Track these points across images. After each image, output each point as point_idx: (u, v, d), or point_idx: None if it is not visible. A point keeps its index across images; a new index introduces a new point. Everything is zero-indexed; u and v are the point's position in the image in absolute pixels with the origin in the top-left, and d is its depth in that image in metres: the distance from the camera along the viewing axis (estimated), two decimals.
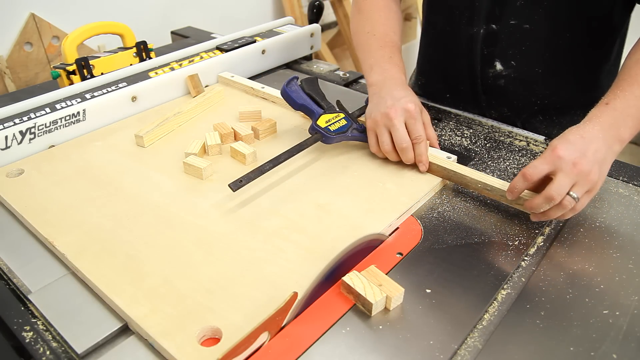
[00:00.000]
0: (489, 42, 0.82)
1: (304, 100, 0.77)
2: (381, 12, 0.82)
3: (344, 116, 0.75)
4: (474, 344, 0.48)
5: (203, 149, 0.75)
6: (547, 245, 0.59)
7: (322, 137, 0.72)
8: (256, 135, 0.80)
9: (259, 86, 0.93)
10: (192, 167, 0.70)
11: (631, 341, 0.48)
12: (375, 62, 0.76)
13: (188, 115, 0.85)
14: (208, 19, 1.84)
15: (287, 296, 0.48)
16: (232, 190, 0.63)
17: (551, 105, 0.85)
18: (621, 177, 0.71)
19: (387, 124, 0.68)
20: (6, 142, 0.73)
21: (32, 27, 1.40)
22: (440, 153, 0.71)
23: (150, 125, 0.79)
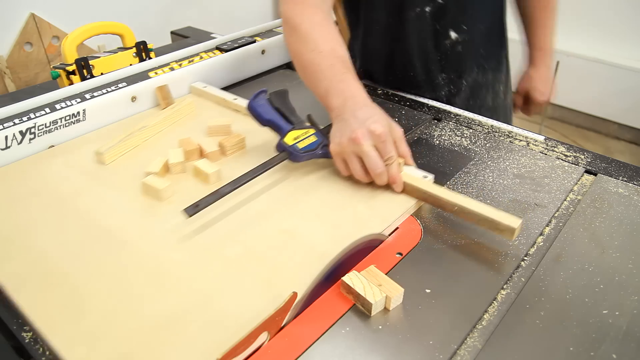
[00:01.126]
0: (439, 16, 0.90)
1: (271, 115, 0.71)
2: (321, 27, 0.74)
3: (314, 132, 0.70)
4: (473, 344, 0.48)
5: (165, 167, 0.71)
6: (547, 245, 0.59)
7: (290, 155, 0.67)
8: (223, 152, 0.75)
9: (231, 97, 0.88)
10: (150, 187, 0.65)
11: (631, 341, 0.48)
12: (329, 85, 0.69)
13: (155, 130, 0.81)
14: (208, 19, 1.84)
15: (287, 296, 0.48)
16: (187, 216, 0.58)
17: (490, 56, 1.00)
18: (621, 177, 0.71)
19: (356, 150, 0.63)
20: (6, 142, 0.73)
21: (32, 27, 1.40)
22: (417, 172, 0.67)
23: (112, 141, 0.75)
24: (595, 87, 2.62)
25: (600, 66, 2.55)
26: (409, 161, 0.67)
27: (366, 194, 0.66)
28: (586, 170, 0.73)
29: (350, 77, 0.69)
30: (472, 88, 1.01)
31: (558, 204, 0.66)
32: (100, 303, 0.50)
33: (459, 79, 0.99)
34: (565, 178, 0.71)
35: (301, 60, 0.74)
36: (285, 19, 0.77)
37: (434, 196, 0.63)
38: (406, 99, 0.97)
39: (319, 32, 0.73)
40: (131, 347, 0.46)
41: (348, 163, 0.65)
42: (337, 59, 0.71)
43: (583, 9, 2.58)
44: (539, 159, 0.76)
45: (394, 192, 0.66)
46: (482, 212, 0.58)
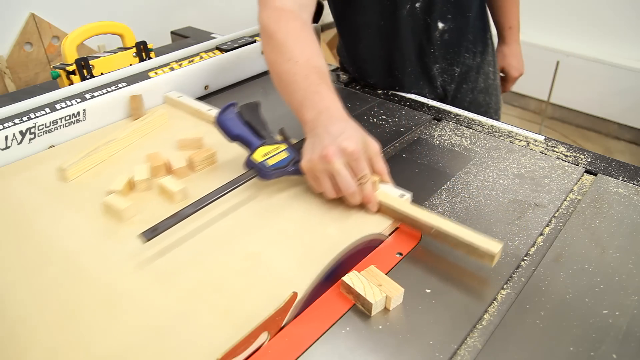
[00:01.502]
0: (428, 11, 0.93)
1: (240, 129, 0.67)
2: (298, 36, 0.71)
3: (285, 147, 0.66)
4: (473, 344, 0.48)
5: (130, 184, 0.67)
6: (547, 245, 0.59)
7: (258, 172, 0.63)
8: (192, 167, 0.71)
9: (206, 108, 0.85)
10: (111, 208, 0.62)
11: (631, 341, 0.48)
12: (304, 97, 0.65)
13: (123, 143, 0.77)
14: (208, 19, 1.84)
15: (287, 296, 0.48)
16: (144, 241, 0.55)
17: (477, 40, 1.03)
18: (621, 177, 0.72)
19: (327, 168, 0.59)
20: (6, 142, 0.73)
21: (32, 27, 1.40)
22: (393, 190, 0.63)
23: (77, 156, 0.71)
24: (595, 87, 2.62)
25: (600, 66, 2.55)
26: (386, 179, 0.63)
27: (339, 214, 0.62)
28: (586, 170, 0.73)
29: (326, 89, 0.66)
30: (464, 73, 1.04)
31: (558, 204, 0.66)
32: (44, 338, 0.46)
33: (451, 67, 1.02)
34: (565, 178, 0.71)
35: (276, 70, 0.70)
36: (262, 26, 0.74)
37: (410, 217, 0.59)
38: (406, 99, 0.97)
39: (295, 42, 0.70)
40: None
41: (320, 182, 0.61)
42: (313, 69, 0.67)
43: (583, 9, 2.58)
44: (539, 159, 0.76)
45: (369, 212, 0.62)
46: (461, 235, 0.55)
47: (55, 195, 0.67)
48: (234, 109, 0.70)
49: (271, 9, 0.74)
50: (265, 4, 0.75)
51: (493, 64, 1.10)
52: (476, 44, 1.03)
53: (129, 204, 0.62)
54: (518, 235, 0.61)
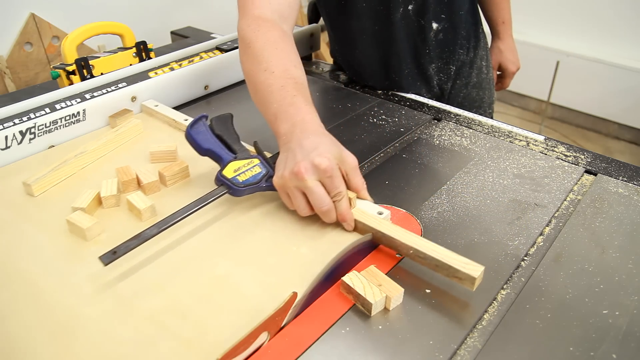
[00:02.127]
0: (422, 12, 0.93)
1: (211, 143, 0.64)
2: (276, 45, 0.69)
3: (258, 162, 0.63)
4: (473, 344, 0.48)
5: (97, 200, 0.64)
6: (547, 245, 0.59)
7: (229, 189, 0.60)
8: (163, 182, 0.68)
9: (182, 118, 0.81)
10: (75, 226, 0.58)
11: (631, 341, 0.48)
12: (278, 108, 0.63)
13: (95, 155, 0.73)
14: (208, 19, 1.84)
15: (287, 296, 0.48)
16: (104, 264, 0.52)
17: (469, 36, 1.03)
18: (621, 177, 0.72)
19: (299, 185, 0.57)
20: (6, 142, 0.73)
21: (32, 27, 1.40)
22: (371, 207, 0.60)
23: (44, 169, 0.68)
24: (595, 87, 2.62)
25: (600, 66, 2.55)
26: (363, 195, 0.61)
27: (313, 232, 0.59)
28: (586, 170, 0.73)
29: (301, 100, 0.63)
30: (458, 68, 1.05)
31: (558, 204, 0.66)
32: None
33: (447, 65, 1.03)
34: (565, 178, 0.71)
35: (252, 81, 0.68)
36: (240, 35, 0.72)
37: (387, 237, 0.56)
38: (406, 99, 0.97)
39: (273, 51, 0.68)
40: None
41: (292, 199, 0.59)
42: (290, 80, 0.65)
43: (583, 9, 2.58)
44: (539, 159, 0.76)
45: (345, 230, 0.59)
46: (440, 257, 0.52)
47: (19, 211, 0.64)
48: (205, 121, 0.67)
49: (250, 18, 0.72)
50: (245, 13, 0.74)
51: (486, 58, 1.10)
52: (469, 39, 1.03)
53: (94, 222, 0.58)
54: (518, 235, 0.61)
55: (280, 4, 0.75)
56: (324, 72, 1.09)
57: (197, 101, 0.96)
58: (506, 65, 1.17)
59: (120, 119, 0.81)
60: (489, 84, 1.12)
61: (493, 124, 0.85)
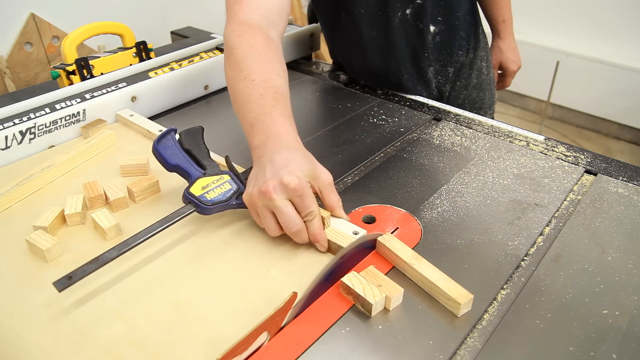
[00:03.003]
0: (420, 16, 0.92)
1: (179, 159, 0.62)
2: (260, 52, 0.67)
3: (228, 179, 0.60)
4: (473, 344, 0.48)
5: (61, 218, 0.61)
6: (547, 245, 0.59)
7: (197, 207, 0.57)
8: (132, 198, 0.65)
9: (157, 129, 0.78)
10: (34, 246, 0.56)
11: (631, 341, 0.48)
12: (255, 118, 0.61)
13: (64, 168, 0.70)
14: (208, 19, 1.84)
15: (287, 296, 0.48)
16: (58, 290, 0.49)
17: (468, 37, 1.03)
18: (621, 177, 0.71)
19: (268, 205, 0.54)
20: (6, 142, 0.73)
21: (32, 27, 1.40)
22: (346, 227, 0.57)
23: (8, 184, 0.65)
24: (595, 87, 2.62)
25: (600, 66, 2.55)
26: (338, 213, 0.58)
27: (284, 254, 0.56)
28: (586, 170, 0.73)
29: (279, 111, 0.61)
30: (457, 70, 1.04)
31: (558, 204, 0.66)
32: None
33: (445, 68, 1.02)
34: (565, 178, 0.71)
35: (233, 88, 0.66)
36: (224, 40, 0.71)
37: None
38: (406, 99, 0.97)
39: (255, 59, 0.66)
40: None
41: (261, 219, 0.56)
42: (270, 89, 0.63)
43: (583, 9, 2.58)
44: (539, 159, 0.76)
45: (319, 250, 0.57)
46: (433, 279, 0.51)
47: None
48: (174, 135, 0.64)
49: (236, 23, 0.70)
50: (232, 18, 0.72)
51: (486, 59, 1.09)
52: (469, 41, 1.03)
53: (54, 242, 0.56)
54: (518, 235, 0.61)
55: (269, 9, 0.72)
56: (324, 72, 1.09)
57: (197, 101, 0.96)
58: (507, 65, 1.17)
59: (93, 130, 0.78)
60: (490, 85, 1.12)
61: (493, 124, 0.85)
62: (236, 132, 0.67)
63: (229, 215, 0.62)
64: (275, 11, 0.73)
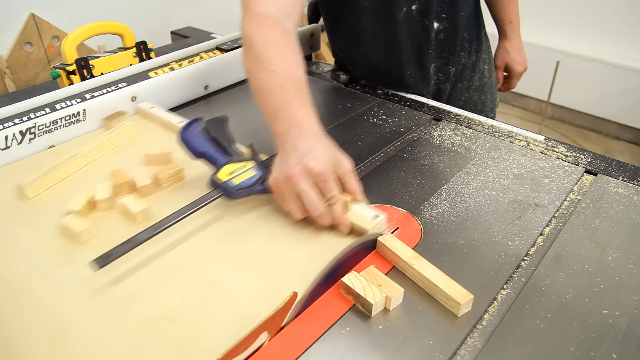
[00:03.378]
0: (426, 12, 0.92)
1: (205, 146, 0.64)
2: (278, 43, 0.69)
3: (253, 165, 0.62)
4: (473, 344, 0.48)
5: (91, 204, 0.64)
6: (547, 245, 0.59)
7: (223, 192, 0.60)
8: (158, 185, 0.67)
9: (177, 120, 0.81)
10: (68, 229, 0.59)
11: (631, 341, 0.48)
12: (277, 108, 0.63)
13: (88, 158, 0.73)
14: (208, 19, 1.84)
15: (287, 296, 0.48)
16: (96, 268, 0.52)
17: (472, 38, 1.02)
18: (621, 177, 0.72)
19: (294, 189, 0.57)
20: (6, 142, 0.73)
21: (32, 27, 1.40)
22: (367, 211, 0.59)
23: (38, 172, 0.67)
24: (595, 87, 2.62)
25: (600, 66, 2.55)
26: (359, 198, 0.60)
27: (308, 236, 0.58)
28: (586, 170, 0.73)
29: (300, 101, 0.63)
30: (459, 71, 1.04)
31: (558, 204, 0.66)
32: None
33: (446, 66, 1.02)
34: (565, 178, 0.71)
35: (252, 80, 0.68)
36: (242, 33, 0.72)
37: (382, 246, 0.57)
38: (406, 99, 0.97)
39: (274, 50, 0.68)
40: None
41: (286, 203, 0.59)
42: (290, 79, 0.65)
43: (583, 9, 2.58)
44: (539, 159, 0.76)
45: (341, 234, 0.59)
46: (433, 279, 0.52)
47: (12, 214, 0.63)
48: (199, 124, 0.67)
49: (253, 16, 0.72)
50: (248, 11, 0.73)
51: (488, 61, 1.09)
52: (471, 42, 1.03)
53: (87, 225, 0.58)
54: (518, 235, 0.61)
55: (283, 1, 0.74)
56: (324, 72, 1.09)
57: (197, 101, 0.96)
58: (513, 66, 1.16)
59: (114, 121, 0.81)
60: (492, 88, 1.12)
61: (493, 124, 0.85)
62: (236, 130, 0.68)
63: (252, 201, 0.64)
64: (289, 3, 0.75)
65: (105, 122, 0.82)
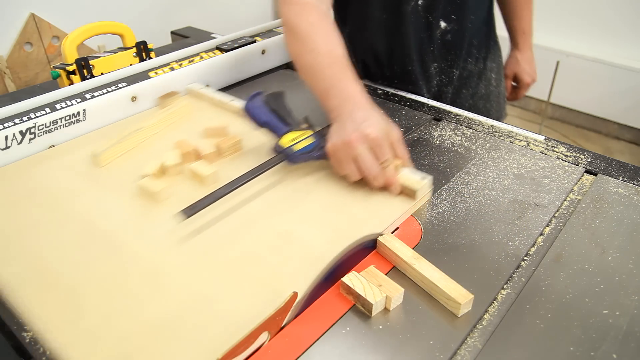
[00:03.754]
0: (431, 9, 0.92)
1: (267, 117, 0.71)
2: (319, 27, 0.75)
3: (310, 134, 0.69)
4: (474, 344, 0.48)
5: (162, 169, 0.70)
6: (547, 245, 0.59)
7: (286, 157, 0.67)
8: (220, 154, 0.75)
9: (228, 99, 0.88)
10: (146, 190, 0.65)
11: (631, 341, 0.48)
12: (328, 85, 0.69)
13: (150, 131, 0.80)
14: (208, 19, 1.84)
15: (287, 296, 0.48)
16: (183, 218, 0.58)
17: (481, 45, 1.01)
18: (621, 177, 0.71)
19: (351, 154, 0.63)
20: (6, 142, 0.73)
21: (32, 27, 1.40)
22: (414, 174, 0.66)
23: (108, 143, 0.75)
24: (595, 87, 2.62)
25: (600, 66, 2.55)
26: (407, 163, 0.67)
27: (362, 196, 0.65)
28: (586, 170, 0.73)
29: (349, 77, 0.69)
30: (464, 77, 1.04)
31: (558, 204, 0.66)
32: (98, 304, 0.50)
33: (450, 68, 1.02)
34: (565, 178, 0.71)
35: (300, 62, 0.74)
36: (283, 20, 0.77)
37: None
38: (406, 99, 0.97)
39: (317, 32, 0.74)
40: (131, 347, 0.46)
41: (344, 167, 0.65)
42: (336, 58, 0.71)
43: (583, 9, 2.58)
44: (539, 159, 0.76)
45: (392, 194, 0.65)
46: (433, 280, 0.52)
47: (91, 179, 0.70)
48: (261, 97, 0.74)
49: (291, 3, 0.77)
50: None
51: (496, 70, 1.09)
52: (480, 49, 1.02)
53: (164, 186, 0.65)
54: (518, 235, 0.61)
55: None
56: None
57: None
58: (522, 77, 1.14)
59: (169, 100, 0.88)
60: (498, 98, 1.10)
61: (493, 124, 0.85)
62: None
63: (308, 167, 0.71)
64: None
65: (160, 100, 0.89)
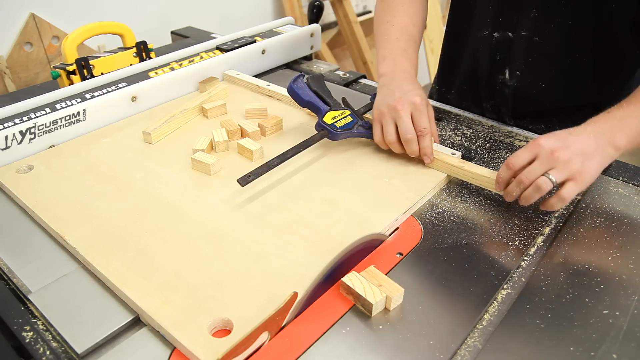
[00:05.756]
0: (503, 49, 0.81)
1: (310, 97, 0.78)
2: (405, 2, 0.82)
3: (349, 113, 0.76)
4: (474, 344, 0.48)
5: (210, 145, 0.76)
6: (547, 245, 0.59)
7: (329, 133, 0.73)
8: (262, 132, 0.81)
9: (264, 84, 0.94)
10: (200, 163, 0.71)
11: (631, 341, 0.48)
12: (389, 53, 0.77)
13: (194, 112, 0.86)
14: (208, 19, 1.84)
15: (287, 296, 0.48)
16: (241, 185, 0.64)
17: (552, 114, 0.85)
18: (621, 177, 0.72)
19: (393, 116, 0.70)
20: (6, 142, 0.73)
21: (32, 27, 1.40)
22: (445, 149, 0.72)
23: (157, 122, 0.80)
24: None
25: None
26: (436, 139, 0.73)
27: (399, 169, 0.72)
28: None
29: (409, 54, 0.77)
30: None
31: None
32: (166, 262, 0.55)
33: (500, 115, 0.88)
34: None
35: (377, 28, 0.83)
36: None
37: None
38: None
39: (401, 6, 0.81)
40: (202, 296, 0.51)
41: (384, 126, 0.71)
42: (406, 35, 0.78)
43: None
44: None
45: (425, 167, 0.71)
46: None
47: (144, 155, 0.76)
48: (303, 79, 0.81)
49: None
50: None
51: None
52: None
53: (216, 159, 0.71)
54: (518, 235, 0.61)
55: None
56: (324, 72, 1.09)
57: None
58: None
59: (209, 85, 0.94)
60: None
61: (493, 124, 0.85)
62: None
63: (346, 144, 0.78)
64: None
65: (200, 85, 0.95)
